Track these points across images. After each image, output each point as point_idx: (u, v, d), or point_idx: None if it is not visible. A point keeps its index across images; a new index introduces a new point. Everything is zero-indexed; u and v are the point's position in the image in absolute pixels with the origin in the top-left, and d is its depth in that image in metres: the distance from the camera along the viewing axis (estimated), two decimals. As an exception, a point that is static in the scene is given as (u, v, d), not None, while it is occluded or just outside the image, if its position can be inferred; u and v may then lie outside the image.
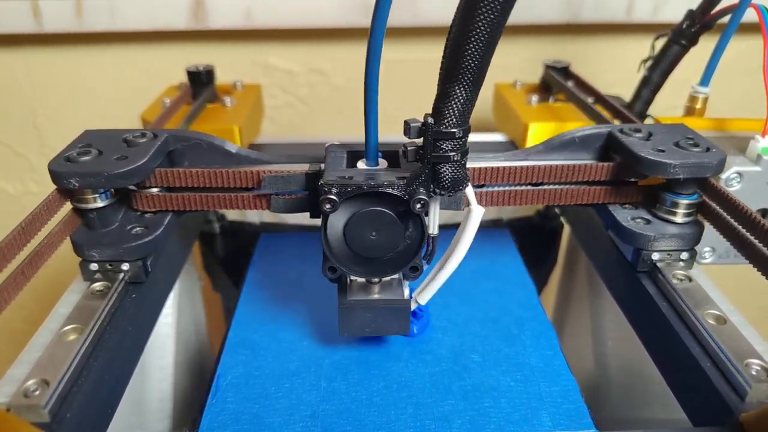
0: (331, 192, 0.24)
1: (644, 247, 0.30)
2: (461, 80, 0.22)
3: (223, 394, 0.29)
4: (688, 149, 0.30)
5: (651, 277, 0.31)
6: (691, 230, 0.30)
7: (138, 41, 0.60)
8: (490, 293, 0.36)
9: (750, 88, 0.64)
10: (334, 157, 0.28)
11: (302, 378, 0.30)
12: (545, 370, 0.30)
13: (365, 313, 0.28)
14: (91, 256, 0.29)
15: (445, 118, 0.23)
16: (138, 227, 0.30)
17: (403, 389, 0.29)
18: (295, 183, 0.29)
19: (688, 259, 0.31)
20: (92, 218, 0.29)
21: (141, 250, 0.29)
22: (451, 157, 0.23)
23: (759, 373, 0.23)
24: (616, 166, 0.31)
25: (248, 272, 0.39)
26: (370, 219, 0.25)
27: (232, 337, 0.33)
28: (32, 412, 0.21)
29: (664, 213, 0.31)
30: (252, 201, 0.30)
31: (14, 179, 0.68)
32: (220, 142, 0.32)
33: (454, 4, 0.21)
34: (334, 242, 0.26)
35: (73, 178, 0.27)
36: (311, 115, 0.65)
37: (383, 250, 0.26)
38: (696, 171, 0.29)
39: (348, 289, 0.28)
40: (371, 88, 0.24)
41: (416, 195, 0.24)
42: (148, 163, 0.29)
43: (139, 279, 0.29)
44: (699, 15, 0.40)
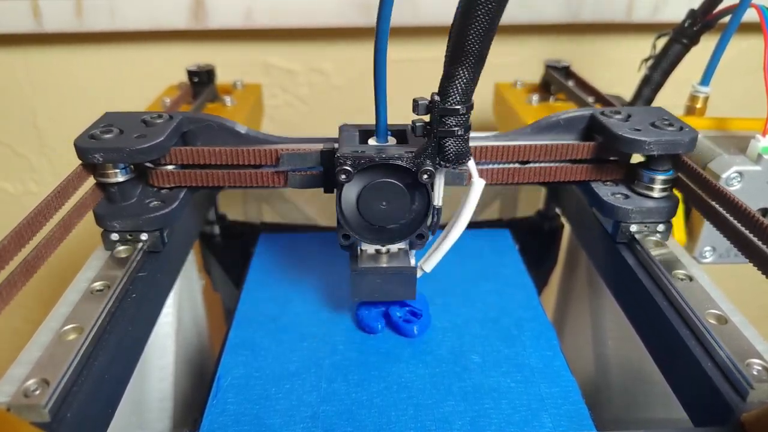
0: (347, 164, 0.27)
1: (623, 219, 0.32)
2: (464, 62, 0.24)
3: (223, 394, 0.29)
4: (663, 128, 0.32)
5: (630, 248, 0.33)
6: (667, 204, 0.32)
7: (138, 41, 0.60)
8: (490, 294, 0.36)
9: (750, 87, 0.64)
10: (347, 135, 0.30)
11: (302, 379, 0.30)
12: (545, 371, 0.30)
13: (375, 279, 0.30)
14: (112, 226, 0.31)
15: (449, 96, 0.25)
16: (155, 201, 0.32)
17: (404, 390, 0.29)
18: (312, 160, 0.32)
19: (664, 231, 0.33)
20: (113, 192, 0.31)
21: (159, 221, 0.31)
22: (455, 132, 0.25)
23: (760, 372, 0.23)
24: (597, 145, 0.33)
25: (248, 272, 0.39)
26: (381, 190, 0.28)
27: (232, 338, 0.33)
28: (32, 411, 0.21)
29: (642, 188, 0.33)
30: (270, 177, 0.33)
31: (14, 179, 0.68)
32: (231, 124, 0.34)
33: (454, 4, 0.22)
34: (348, 212, 0.28)
35: (97, 153, 0.30)
36: (311, 115, 0.65)
37: (392, 219, 0.28)
38: (670, 148, 0.31)
39: (359, 257, 0.30)
40: (380, 71, 0.25)
41: (423, 167, 0.26)
42: (165, 141, 0.31)
43: (156, 248, 0.32)
44: (701, 14, 0.40)
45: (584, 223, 0.39)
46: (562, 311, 0.54)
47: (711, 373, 0.24)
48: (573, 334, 0.51)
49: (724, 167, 0.34)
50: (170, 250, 0.34)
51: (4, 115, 0.64)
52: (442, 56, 0.24)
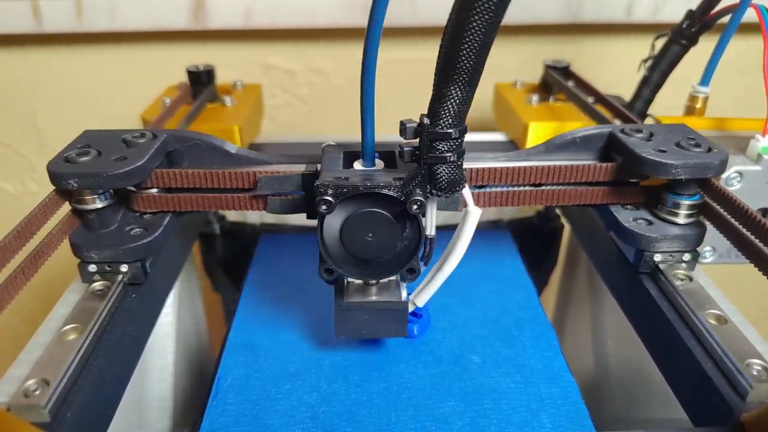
0: (327, 193, 0.24)
1: (646, 248, 0.30)
2: (456, 81, 0.22)
3: (223, 395, 0.29)
4: (690, 149, 0.30)
5: (653, 279, 0.31)
6: (693, 231, 0.30)
7: (138, 41, 0.60)
8: (489, 294, 0.36)
9: (750, 87, 0.64)
10: (330, 157, 0.28)
11: (302, 379, 0.30)
12: (545, 372, 0.30)
13: (362, 315, 0.27)
14: (89, 257, 0.28)
15: (440, 119, 0.23)
16: (137, 228, 0.30)
17: (404, 391, 0.29)
18: (292, 184, 0.29)
19: (690, 260, 0.30)
20: (91, 219, 0.29)
21: (140, 251, 0.29)
22: (447, 158, 0.23)
23: (760, 373, 0.23)
24: (617, 166, 0.31)
25: (248, 273, 0.39)
26: (367, 220, 0.25)
27: (232, 339, 0.33)
28: (32, 411, 0.21)
29: (666, 214, 0.31)
30: (249, 202, 0.30)
31: (14, 179, 0.68)
32: (220, 143, 0.32)
33: (451, 5, 0.21)
34: (331, 243, 0.26)
35: (72, 179, 0.27)
36: (311, 115, 0.65)
37: (380, 252, 0.26)
38: (698, 171, 0.29)
39: (345, 290, 0.28)
40: (368, 89, 0.24)
41: (413, 196, 0.24)
42: (147, 163, 0.29)
43: (138, 280, 0.29)
44: (699, 15, 0.40)
45: (600, 245, 0.37)
46: (562, 311, 0.54)
47: (711, 373, 0.24)
48: (573, 334, 0.51)
49: (725, 168, 0.34)
50: (155, 277, 0.31)
51: (4, 115, 0.64)
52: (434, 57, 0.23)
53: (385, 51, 0.62)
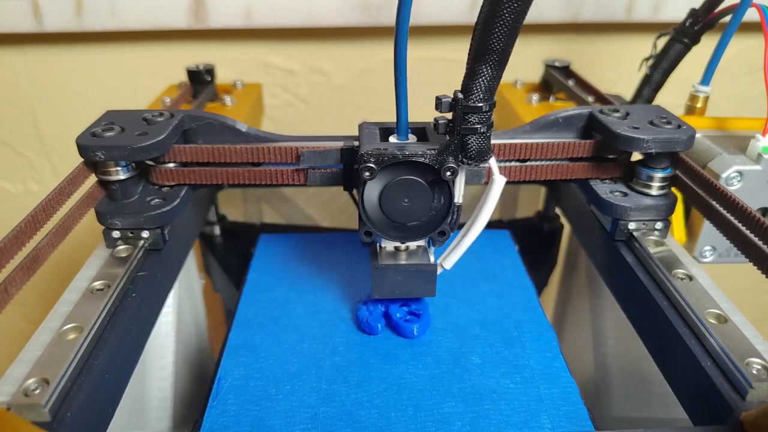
0: (370, 161, 0.27)
1: (621, 217, 0.32)
2: (488, 60, 0.24)
3: (224, 396, 0.29)
4: (661, 126, 0.32)
5: (628, 246, 0.33)
6: (665, 201, 0.33)
7: (138, 40, 0.60)
8: (489, 295, 0.36)
9: (750, 87, 0.64)
10: (368, 132, 0.30)
11: (303, 380, 0.30)
12: (545, 373, 0.30)
13: (396, 276, 0.30)
14: (113, 224, 0.31)
15: (473, 94, 0.25)
16: (156, 198, 0.32)
17: (404, 391, 0.29)
18: (332, 158, 0.32)
19: (663, 228, 0.33)
20: (115, 190, 0.32)
21: (160, 218, 0.31)
22: (477, 129, 0.26)
23: (760, 372, 0.23)
24: (596, 143, 0.34)
25: (248, 273, 0.39)
26: (404, 187, 0.28)
27: (232, 339, 0.33)
28: (33, 411, 0.21)
29: (641, 186, 0.33)
30: (290, 175, 0.33)
31: (15, 179, 0.68)
32: (232, 122, 0.34)
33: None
34: (370, 209, 0.29)
35: (99, 151, 0.30)
36: (311, 114, 0.65)
37: (414, 216, 0.29)
38: (667, 146, 0.31)
39: (379, 255, 0.31)
40: (401, 69, 0.26)
41: (446, 164, 0.27)
42: (167, 139, 0.31)
43: (157, 246, 0.32)
44: (702, 14, 0.40)
45: (583, 221, 0.39)
46: (562, 311, 0.54)
47: (711, 372, 0.24)
48: (573, 333, 0.51)
49: (724, 167, 0.34)
50: (171, 248, 0.34)
51: (4, 115, 0.64)
52: (442, 56, 0.24)
53: (386, 50, 0.62)
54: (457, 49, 0.60)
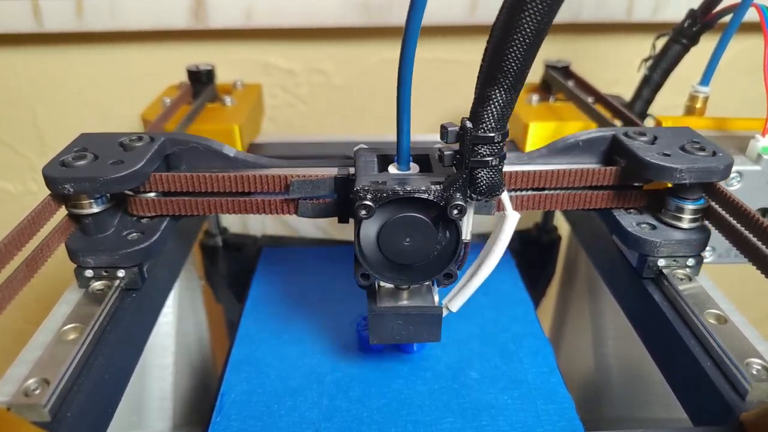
0: (366, 198, 0.24)
1: (650, 253, 0.30)
2: (501, 83, 0.21)
3: (227, 411, 0.29)
4: (694, 153, 0.29)
5: (656, 284, 0.30)
6: (697, 236, 0.30)
7: (138, 41, 0.60)
8: (487, 309, 0.37)
9: (750, 87, 0.64)
10: (365, 161, 0.27)
11: (304, 395, 0.30)
12: (542, 388, 0.31)
13: (396, 320, 0.27)
14: (86, 262, 0.28)
15: (483, 122, 0.22)
16: (134, 232, 0.29)
17: (403, 407, 0.29)
18: (325, 187, 0.29)
19: (695, 265, 0.30)
20: (87, 224, 0.29)
21: (137, 256, 0.28)
22: (489, 162, 0.23)
23: (759, 372, 0.23)
24: (620, 170, 0.31)
25: (251, 288, 0.39)
26: (405, 225, 0.25)
27: (235, 354, 0.33)
28: (33, 411, 0.21)
29: (670, 218, 0.30)
30: (278, 205, 0.30)
31: (15, 179, 0.68)
32: (218, 146, 0.31)
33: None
34: (367, 248, 0.26)
35: (67, 183, 0.27)
36: (311, 115, 0.65)
37: (417, 257, 0.26)
38: (703, 176, 0.28)
39: (377, 295, 0.28)
40: (404, 92, 0.23)
41: (453, 201, 0.24)
42: (145, 167, 0.28)
43: (135, 286, 0.29)
44: (700, 14, 0.40)
45: (603, 249, 0.36)
46: (562, 312, 0.54)
47: (710, 372, 0.24)
48: (573, 334, 0.51)
49: (729, 171, 0.34)
50: (151, 287, 0.31)
51: (4, 115, 0.64)
52: (441, 57, 0.24)
53: (387, 51, 0.62)
54: (457, 50, 0.60)
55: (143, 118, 0.44)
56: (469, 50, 0.60)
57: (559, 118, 0.45)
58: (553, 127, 0.43)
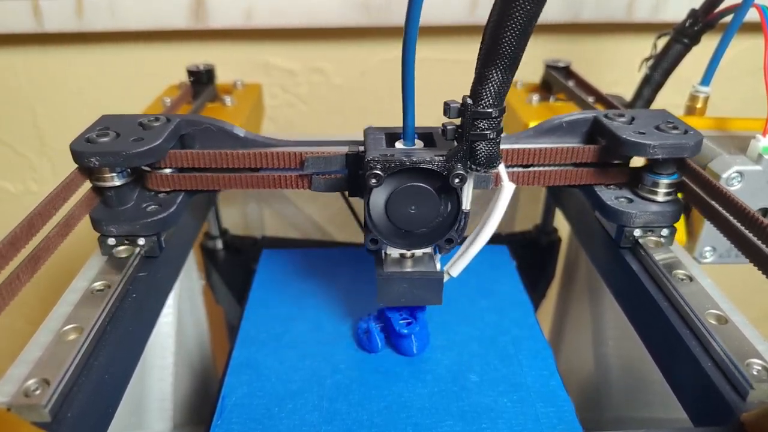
0: (376, 167, 0.26)
1: (627, 223, 0.32)
2: (498, 64, 0.24)
3: (228, 415, 0.29)
4: (668, 131, 0.31)
5: (633, 253, 0.32)
6: (671, 208, 0.32)
7: (138, 41, 0.60)
8: (487, 311, 0.37)
9: (751, 87, 0.64)
10: (374, 138, 0.30)
11: (305, 398, 0.30)
12: (542, 391, 0.31)
13: (402, 284, 0.30)
14: (109, 231, 0.30)
15: (482, 99, 0.24)
16: (153, 205, 0.32)
17: (403, 410, 0.29)
18: (336, 163, 0.31)
19: (668, 235, 0.32)
20: (110, 196, 0.31)
21: (156, 225, 0.31)
22: (487, 135, 0.25)
23: (760, 372, 0.23)
24: (600, 148, 0.33)
25: (251, 290, 0.39)
26: (410, 194, 0.27)
27: (236, 357, 0.33)
28: (33, 411, 0.21)
29: (646, 192, 0.33)
30: (294, 180, 0.32)
31: (15, 178, 0.68)
32: (230, 127, 0.33)
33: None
34: (376, 216, 0.28)
35: (93, 157, 0.29)
36: (311, 115, 0.65)
37: (421, 223, 0.28)
38: (674, 151, 0.31)
39: (384, 262, 0.30)
40: (408, 74, 0.25)
41: (454, 171, 0.26)
42: (163, 144, 0.30)
43: (153, 253, 0.31)
44: (702, 14, 0.40)
45: (586, 225, 0.38)
46: (562, 312, 0.54)
47: (711, 373, 0.24)
48: (573, 334, 0.51)
49: (725, 167, 0.34)
50: (168, 254, 0.33)
51: (4, 115, 0.64)
52: (441, 57, 0.24)
53: (387, 50, 0.62)
54: (457, 50, 0.60)
55: (143, 118, 0.44)
56: (469, 50, 0.60)
57: (560, 118, 0.45)
58: (554, 127, 0.43)
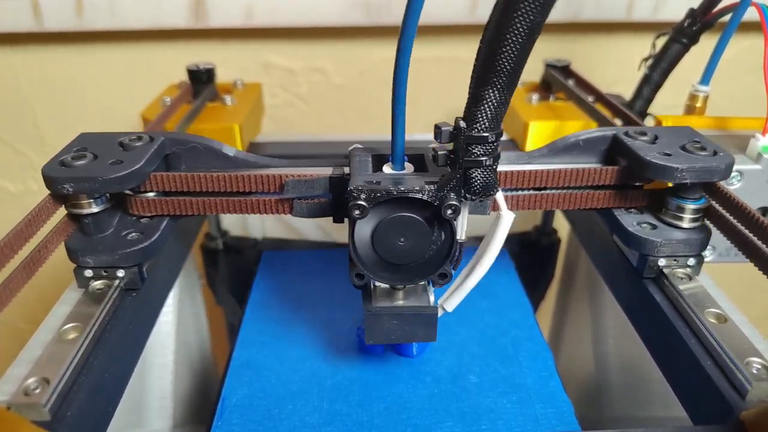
0: (360, 198, 0.24)
1: (650, 252, 0.30)
2: (494, 83, 0.21)
3: (228, 416, 0.29)
4: (695, 153, 0.29)
5: (657, 284, 0.30)
6: (698, 235, 0.30)
7: (138, 40, 0.60)
8: (487, 313, 0.37)
9: (750, 86, 0.64)
10: (359, 161, 0.27)
11: (305, 399, 0.30)
12: (541, 392, 0.31)
13: (391, 321, 0.27)
14: (85, 262, 0.28)
15: (477, 122, 0.22)
16: (134, 232, 0.29)
17: (403, 411, 0.29)
18: (319, 187, 0.29)
19: (695, 264, 0.30)
20: (87, 224, 0.29)
21: (137, 256, 0.28)
22: (482, 162, 0.23)
23: (759, 371, 0.23)
24: (621, 170, 0.31)
25: (251, 292, 0.39)
26: (399, 225, 0.25)
27: (236, 358, 0.33)
28: (33, 410, 0.21)
29: (671, 218, 0.30)
30: (273, 205, 0.30)
31: (15, 178, 0.68)
32: (218, 146, 0.31)
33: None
34: (362, 248, 0.26)
35: (67, 183, 0.27)
36: (311, 114, 0.65)
37: (411, 257, 0.26)
38: (703, 175, 0.28)
39: (373, 295, 0.27)
40: (399, 93, 0.23)
41: (447, 201, 0.24)
42: (144, 167, 0.28)
43: (134, 285, 0.29)
44: (700, 13, 0.40)
45: (601, 247, 0.36)
46: (563, 311, 0.54)
47: (711, 371, 0.24)
48: (573, 333, 0.51)
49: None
50: (151, 286, 0.31)
51: (4, 115, 0.64)
52: (440, 56, 0.24)
53: (385, 50, 0.62)
54: (457, 49, 0.60)
55: (143, 118, 0.44)
56: (469, 49, 0.60)
57: (560, 117, 0.45)
58: (553, 127, 0.43)
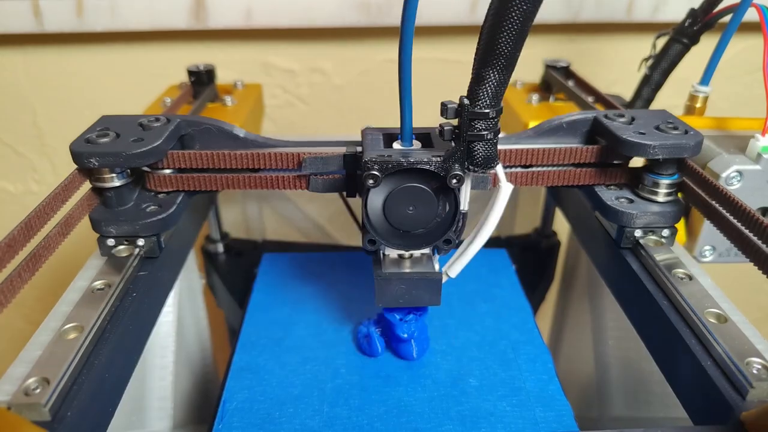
0: (374, 168, 0.27)
1: (627, 224, 0.32)
2: (495, 65, 0.24)
3: (229, 419, 0.29)
4: (668, 132, 0.32)
5: (634, 253, 0.32)
6: (672, 208, 0.32)
7: (139, 41, 0.60)
8: (487, 316, 0.37)
9: (750, 87, 0.64)
10: (371, 138, 0.30)
11: (305, 403, 0.30)
12: (540, 395, 0.31)
13: (399, 285, 0.29)
14: (108, 231, 0.31)
15: (479, 100, 0.25)
16: (152, 205, 0.32)
17: (403, 414, 0.29)
18: (334, 164, 0.31)
19: (669, 235, 0.32)
20: (109, 197, 0.31)
21: (155, 226, 0.31)
22: (484, 136, 0.25)
23: (760, 371, 0.23)
24: (601, 148, 0.33)
25: (252, 294, 0.39)
26: (408, 194, 0.27)
27: (237, 361, 0.33)
28: (33, 410, 0.21)
29: (647, 192, 0.33)
30: (291, 181, 0.32)
31: (15, 179, 0.68)
32: (229, 127, 0.33)
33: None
34: (374, 217, 0.28)
35: (93, 158, 0.29)
36: (311, 115, 0.65)
37: (419, 224, 0.28)
38: (674, 152, 0.31)
39: (382, 263, 0.30)
40: (405, 74, 0.25)
41: (452, 171, 0.26)
42: (163, 145, 0.31)
43: (153, 254, 0.31)
44: (701, 14, 0.40)
45: (586, 225, 0.38)
46: (563, 313, 0.54)
47: (711, 372, 0.24)
48: (573, 334, 0.51)
49: (724, 166, 0.34)
50: (167, 255, 0.33)
51: (4, 115, 0.64)
52: (441, 56, 0.24)
53: (385, 51, 0.62)
54: (457, 50, 0.60)
55: (143, 118, 0.44)
56: (469, 50, 0.60)
57: (559, 117, 0.45)
58: (553, 127, 0.43)
